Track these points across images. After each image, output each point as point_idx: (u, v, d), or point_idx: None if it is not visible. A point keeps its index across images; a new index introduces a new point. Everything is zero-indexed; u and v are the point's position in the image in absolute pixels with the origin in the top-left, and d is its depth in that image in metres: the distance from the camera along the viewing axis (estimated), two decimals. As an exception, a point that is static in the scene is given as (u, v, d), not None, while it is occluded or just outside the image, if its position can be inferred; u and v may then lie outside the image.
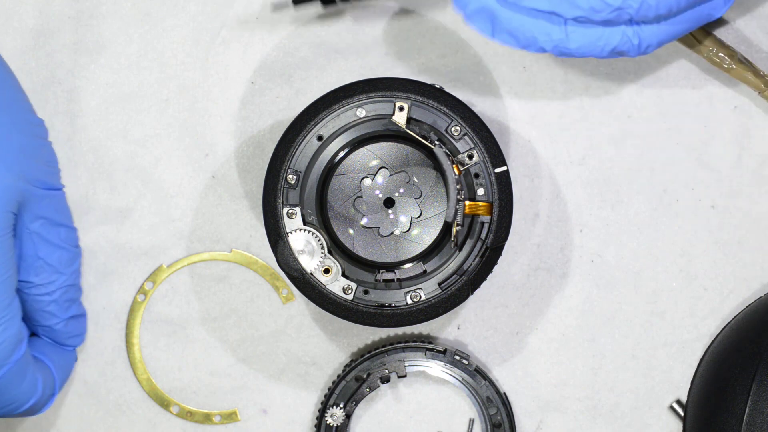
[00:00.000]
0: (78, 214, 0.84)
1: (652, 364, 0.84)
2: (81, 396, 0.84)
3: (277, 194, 0.77)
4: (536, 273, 0.84)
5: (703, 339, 0.84)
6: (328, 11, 0.75)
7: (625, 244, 0.84)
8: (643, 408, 0.84)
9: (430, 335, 0.84)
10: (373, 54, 0.84)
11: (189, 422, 0.84)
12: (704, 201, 0.84)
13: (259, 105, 0.84)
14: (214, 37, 0.84)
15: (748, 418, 0.78)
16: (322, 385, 0.84)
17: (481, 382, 0.82)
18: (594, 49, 0.72)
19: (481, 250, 0.78)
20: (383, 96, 0.77)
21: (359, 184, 0.78)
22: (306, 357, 0.84)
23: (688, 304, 0.84)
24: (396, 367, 0.82)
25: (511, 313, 0.84)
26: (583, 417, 0.84)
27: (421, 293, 0.78)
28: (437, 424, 0.84)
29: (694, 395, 0.83)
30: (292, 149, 0.78)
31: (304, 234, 0.77)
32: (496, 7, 0.72)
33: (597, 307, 0.84)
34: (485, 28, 0.73)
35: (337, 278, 0.77)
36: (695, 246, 0.84)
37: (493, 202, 0.77)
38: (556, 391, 0.84)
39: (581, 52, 0.72)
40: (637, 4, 0.70)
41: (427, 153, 0.78)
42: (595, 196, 0.84)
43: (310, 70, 0.84)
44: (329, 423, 0.82)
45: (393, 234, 0.78)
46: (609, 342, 0.84)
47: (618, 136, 0.84)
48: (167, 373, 0.85)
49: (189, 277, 0.85)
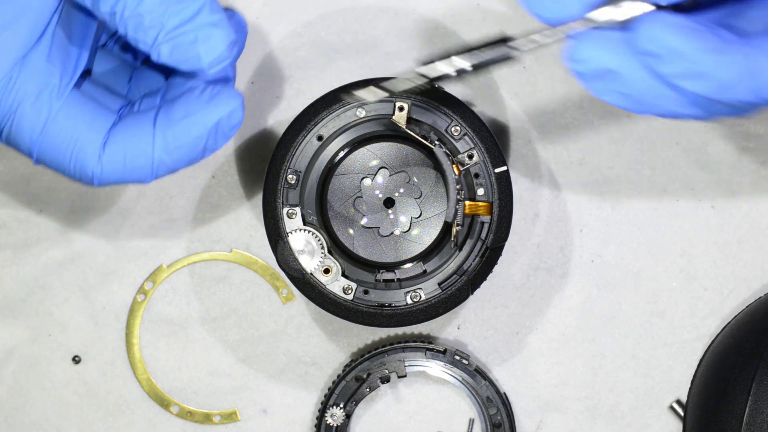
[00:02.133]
0: (78, 214, 0.84)
1: (652, 364, 0.84)
2: (81, 396, 0.84)
3: (277, 194, 0.77)
4: (536, 273, 0.84)
5: (703, 339, 0.84)
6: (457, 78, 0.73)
7: (625, 244, 0.84)
8: (643, 408, 0.84)
9: (430, 335, 0.84)
10: (373, 54, 0.84)
11: (189, 422, 0.84)
12: (704, 201, 0.84)
13: (259, 105, 0.84)
14: (214, 37, 0.84)
15: (748, 418, 0.78)
16: (322, 385, 0.84)
17: (481, 382, 0.82)
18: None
19: (481, 250, 0.78)
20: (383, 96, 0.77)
21: (359, 184, 0.78)
22: (306, 357, 0.84)
23: (688, 304, 0.84)
24: (396, 367, 0.82)
25: (511, 313, 0.84)
26: (583, 417, 0.84)
27: (421, 293, 0.78)
28: (437, 424, 0.84)
29: (694, 395, 0.83)
30: (292, 149, 0.78)
31: (304, 234, 0.77)
32: (626, 70, 0.64)
33: (597, 307, 0.84)
34: (603, 90, 0.65)
35: (337, 278, 0.77)
36: (695, 246, 0.84)
37: (493, 202, 0.77)
38: (556, 391, 0.84)
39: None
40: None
41: (427, 153, 0.78)
42: (595, 196, 0.84)
43: (310, 70, 0.84)
44: (329, 423, 0.82)
45: (393, 234, 0.78)
46: (609, 342, 0.84)
47: (618, 136, 0.84)
48: (167, 373, 0.85)
49: (189, 277, 0.85)
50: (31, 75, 0.70)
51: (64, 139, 0.71)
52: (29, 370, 0.84)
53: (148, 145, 0.71)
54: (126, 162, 0.71)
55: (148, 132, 0.72)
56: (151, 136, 0.72)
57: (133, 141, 0.72)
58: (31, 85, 0.70)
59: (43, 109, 0.70)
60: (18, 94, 0.70)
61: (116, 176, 0.72)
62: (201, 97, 0.72)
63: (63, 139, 0.71)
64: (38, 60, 0.70)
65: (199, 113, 0.72)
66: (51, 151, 0.71)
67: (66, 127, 0.71)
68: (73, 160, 0.71)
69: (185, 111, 0.72)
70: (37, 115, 0.70)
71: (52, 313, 0.84)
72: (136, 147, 0.72)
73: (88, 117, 0.71)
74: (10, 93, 0.70)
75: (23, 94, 0.70)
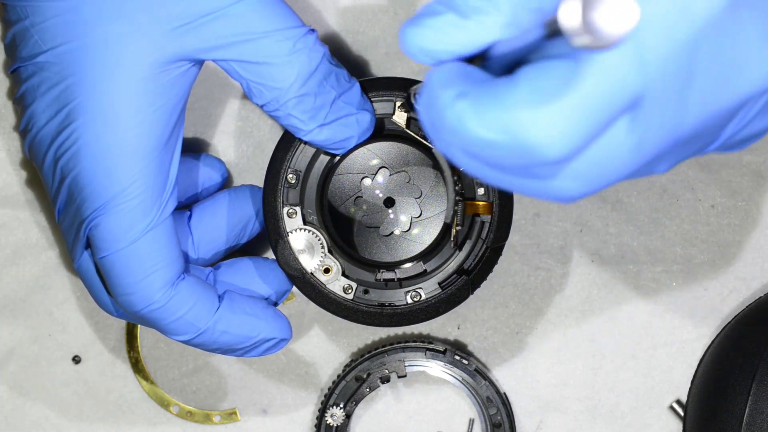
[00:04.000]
0: (78, 214, 0.84)
1: (652, 364, 0.84)
2: (81, 396, 0.84)
3: (277, 194, 0.77)
4: (536, 273, 0.84)
5: (703, 339, 0.84)
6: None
7: (625, 244, 0.84)
8: (643, 408, 0.84)
9: (430, 335, 0.84)
10: (373, 54, 0.84)
11: (189, 422, 0.84)
12: (704, 201, 0.84)
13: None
14: (214, 37, 0.84)
15: (748, 418, 0.78)
16: (322, 385, 0.84)
17: (481, 382, 0.82)
18: None
19: (481, 249, 0.78)
20: (383, 96, 0.77)
21: (359, 184, 0.78)
22: (306, 357, 0.84)
23: (688, 304, 0.84)
24: (396, 367, 0.82)
25: (511, 313, 0.84)
26: (583, 417, 0.84)
27: (421, 293, 0.78)
28: (437, 424, 0.84)
29: (694, 395, 0.83)
30: (292, 149, 0.78)
31: (304, 233, 0.77)
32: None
33: (597, 307, 0.84)
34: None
35: (337, 278, 0.77)
36: (695, 246, 0.84)
37: (493, 202, 0.77)
38: (556, 391, 0.84)
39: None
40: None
41: (427, 153, 0.78)
42: (595, 196, 0.84)
43: (310, 70, 0.84)
44: (329, 423, 0.82)
45: (393, 234, 0.78)
46: (609, 342, 0.84)
47: (618, 136, 0.84)
48: (167, 373, 0.85)
49: (189, 277, 0.84)
50: (150, 177, 0.71)
51: (143, 261, 0.71)
52: (29, 370, 0.84)
53: (209, 312, 0.73)
54: (187, 313, 0.72)
55: (213, 301, 0.74)
56: (215, 307, 0.74)
57: (200, 301, 0.73)
58: (149, 189, 0.71)
59: (145, 223, 0.71)
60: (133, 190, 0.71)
61: (170, 317, 0.72)
62: (267, 307, 0.76)
63: (143, 260, 0.71)
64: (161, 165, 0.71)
65: (261, 320, 0.75)
66: (122, 266, 0.71)
67: (152, 252, 0.71)
68: (140, 285, 0.71)
69: (252, 309, 0.75)
70: (136, 225, 0.71)
71: (52, 313, 0.84)
72: (201, 307, 0.73)
73: (171, 251, 0.72)
74: (127, 189, 0.70)
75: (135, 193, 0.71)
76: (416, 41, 0.56)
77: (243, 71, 0.71)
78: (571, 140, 0.51)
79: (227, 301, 0.74)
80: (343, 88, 0.74)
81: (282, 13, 0.72)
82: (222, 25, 0.70)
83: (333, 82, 0.73)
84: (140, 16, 0.69)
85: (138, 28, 0.69)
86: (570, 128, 0.50)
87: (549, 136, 0.50)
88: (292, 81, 0.71)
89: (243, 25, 0.70)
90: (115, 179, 0.70)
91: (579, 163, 0.53)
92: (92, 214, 0.70)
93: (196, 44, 0.70)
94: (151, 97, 0.70)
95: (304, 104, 0.72)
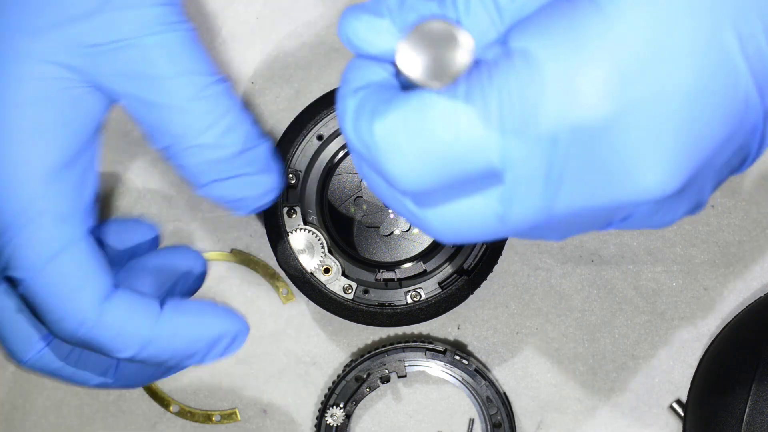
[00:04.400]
0: (78, 214, 0.84)
1: (652, 364, 0.84)
2: (81, 396, 0.84)
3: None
4: (536, 273, 0.84)
5: (703, 339, 0.84)
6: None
7: (625, 243, 0.84)
8: (643, 408, 0.84)
9: (430, 335, 0.84)
10: (373, 54, 0.84)
11: (189, 422, 0.84)
12: (704, 201, 0.84)
13: (259, 105, 0.84)
14: (214, 37, 0.84)
15: (748, 418, 0.78)
16: (322, 385, 0.84)
17: (481, 382, 0.82)
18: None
19: (481, 249, 0.78)
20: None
21: (359, 184, 0.78)
22: (306, 357, 0.84)
23: (688, 304, 0.84)
24: (396, 367, 0.82)
25: (511, 313, 0.84)
26: (583, 417, 0.84)
27: (421, 293, 0.78)
28: (437, 424, 0.84)
29: (694, 395, 0.83)
30: (292, 149, 0.78)
31: (304, 233, 0.77)
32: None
33: (597, 307, 0.84)
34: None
35: (337, 277, 0.78)
36: (695, 246, 0.84)
37: (493, 202, 0.77)
38: (556, 391, 0.84)
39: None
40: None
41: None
42: (595, 196, 0.84)
43: (310, 70, 0.84)
44: (329, 423, 0.82)
45: (393, 233, 0.78)
46: (609, 342, 0.84)
47: (618, 136, 0.84)
48: (167, 373, 0.85)
49: (189, 277, 0.85)
50: (59, 194, 0.66)
51: (66, 279, 0.65)
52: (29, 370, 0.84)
53: (152, 318, 0.67)
54: (127, 323, 0.67)
55: (153, 306, 0.68)
56: (157, 312, 0.68)
57: (139, 309, 0.67)
58: (60, 204, 0.66)
59: (62, 237, 0.65)
60: (40, 207, 0.65)
61: (109, 332, 0.66)
62: (213, 304, 0.70)
63: (65, 278, 0.65)
64: (69, 179, 0.66)
65: (210, 316, 0.69)
66: (43, 288, 0.65)
67: (75, 268, 0.66)
68: (68, 305, 0.65)
69: (198, 308, 0.69)
70: (52, 241, 0.65)
71: (52, 313, 0.84)
72: (141, 315, 0.67)
73: (96, 265, 0.67)
74: (32, 203, 0.65)
75: (43, 210, 0.65)
76: (348, 32, 0.55)
77: (142, 109, 0.66)
78: (419, 176, 0.51)
79: (170, 305, 0.68)
80: (247, 146, 0.68)
81: (194, 57, 0.66)
82: (128, 55, 0.65)
83: (236, 137, 0.67)
84: (50, 33, 0.65)
85: (43, 44, 0.65)
86: (416, 163, 0.51)
87: (399, 166, 0.51)
88: (189, 129, 0.66)
89: (149, 60, 0.66)
90: (14, 197, 0.65)
91: (447, 210, 0.53)
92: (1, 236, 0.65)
93: (99, 68, 0.66)
94: (52, 114, 0.65)
95: (200, 155, 0.67)
